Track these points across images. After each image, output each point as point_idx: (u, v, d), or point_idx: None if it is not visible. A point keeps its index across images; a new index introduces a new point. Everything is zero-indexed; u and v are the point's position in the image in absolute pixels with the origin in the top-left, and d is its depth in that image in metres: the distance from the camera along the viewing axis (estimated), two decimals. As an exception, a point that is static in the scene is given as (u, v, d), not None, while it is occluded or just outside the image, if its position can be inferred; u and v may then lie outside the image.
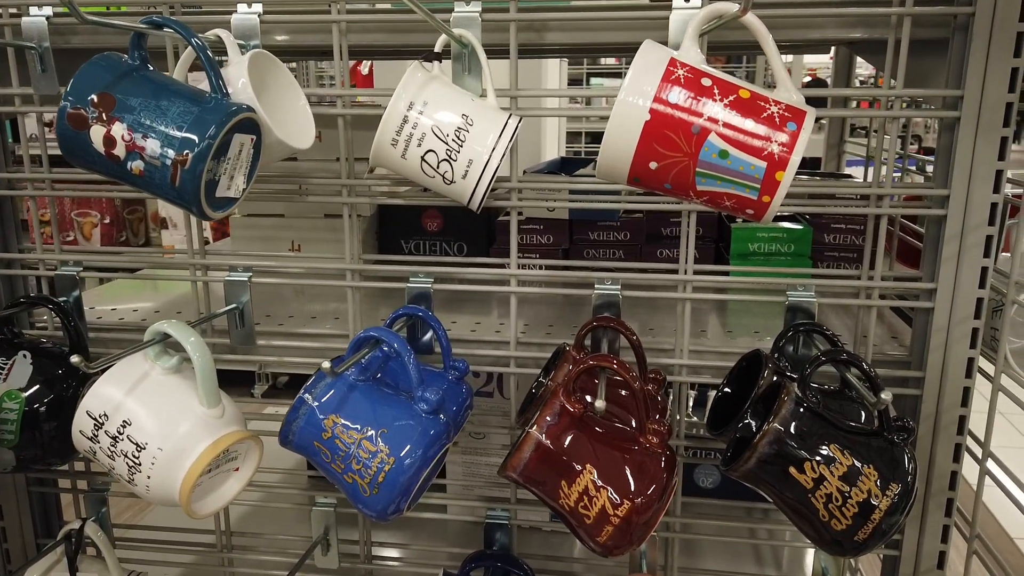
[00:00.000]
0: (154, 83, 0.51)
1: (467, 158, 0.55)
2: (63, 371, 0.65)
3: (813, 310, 0.62)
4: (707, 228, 0.93)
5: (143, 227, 2.66)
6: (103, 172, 0.51)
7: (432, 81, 0.56)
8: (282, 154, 0.59)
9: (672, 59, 0.43)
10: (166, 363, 0.56)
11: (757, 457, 0.49)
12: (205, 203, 0.51)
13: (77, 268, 0.71)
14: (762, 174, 0.42)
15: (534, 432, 0.50)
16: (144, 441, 0.53)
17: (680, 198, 0.46)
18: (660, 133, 0.42)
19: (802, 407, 0.50)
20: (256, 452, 0.58)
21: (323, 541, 0.73)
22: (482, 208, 0.58)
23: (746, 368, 0.62)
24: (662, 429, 0.50)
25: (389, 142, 0.55)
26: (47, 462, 0.66)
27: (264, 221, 0.95)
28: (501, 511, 0.72)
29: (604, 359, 0.51)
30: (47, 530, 0.79)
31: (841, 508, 0.48)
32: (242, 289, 0.68)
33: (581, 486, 0.49)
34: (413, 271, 0.67)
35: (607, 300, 0.64)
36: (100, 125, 0.49)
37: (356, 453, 0.52)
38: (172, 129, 0.48)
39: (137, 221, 2.78)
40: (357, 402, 0.54)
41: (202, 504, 0.57)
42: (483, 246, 0.93)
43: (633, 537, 0.50)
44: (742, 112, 0.42)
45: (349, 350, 0.55)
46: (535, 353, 0.69)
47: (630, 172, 0.44)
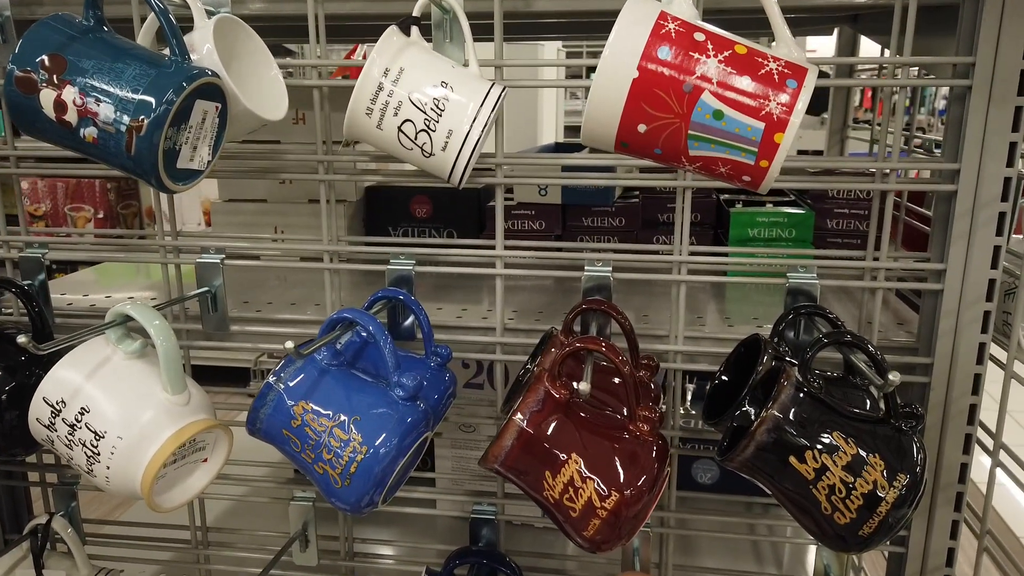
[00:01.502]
0: (109, 45, 0.47)
1: (447, 128, 0.52)
2: (26, 357, 0.62)
3: (815, 293, 0.59)
4: (705, 213, 0.90)
5: (137, 221, 2.63)
6: (56, 141, 0.48)
7: (409, 47, 0.53)
8: (251, 125, 0.56)
9: (662, 12, 0.40)
10: (128, 347, 0.53)
11: (755, 445, 0.46)
12: (164, 174, 0.47)
13: (42, 251, 0.67)
14: (760, 136, 0.39)
15: (516, 419, 0.47)
16: (103, 429, 0.50)
17: (671, 165, 0.42)
18: (649, 92, 0.39)
19: (803, 392, 0.47)
20: (225, 442, 0.55)
21: (301, 537, 0.70)
22: (463, 184, 0.55)
23: (744, 355, 0.59)
24: (653, 416, 0.47)
25: (363, 111, 0.52)
26: (10, 453, 0.63)
27: (246, 206, 0.92)
28: (487, 505, 0.68)
29: (592, 341, 0.48)
30: (16, 526, 0.76)
31: (845, 500, 0.45)
32: (214, 272, 0.64)
33: (566, 477, 0.46)
34: (395, 252, 0.64)
35: (597, 283, 0.61)
36: (50, 89, 0.46)
37: (327, 442, 0.49)
38: (127, 92, 0.45)
39: (131, 215, 2.76)
40: (329, 388, 0.51)
41: (167, 497, 0.53)
42: (474, 232, 0.89)
43: (622, 531, 0.46)
44: (738, 69, 0.39)
45: (321, 332, 0.52)
46: (523, 340, 0.66)
47: (617, 135, 0.41)
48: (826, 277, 0.60)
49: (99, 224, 2.29)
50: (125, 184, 2.43)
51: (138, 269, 0.90)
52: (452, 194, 0.91)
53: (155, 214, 2.22)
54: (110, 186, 2.47)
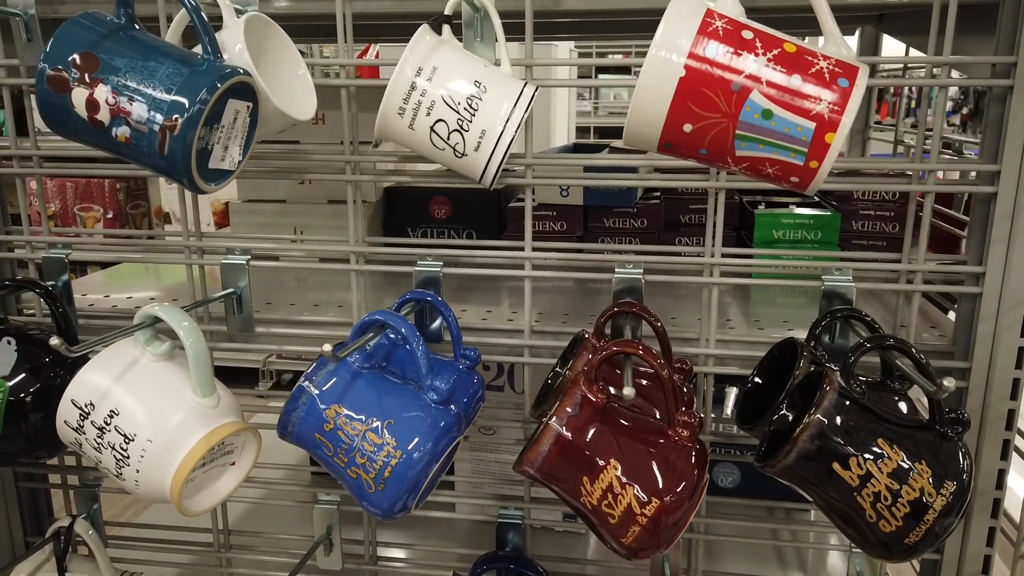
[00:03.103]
0: (141, 43, 0.47)
1: (480, 128, 0.51)
2: (50, 359, 0.61)
3: (850, 296, 0.58)
4: (728, 215, 0.89)
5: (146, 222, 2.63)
6: (87, 141, 0.47)
7: (442, 46, 0.52)
8: (280, 125, 0.55)
9: (709, 10, 0.39)
10: (157, 349, 0.52)
11: (797, 452, 0.45)
12: (196, 174, 0.47)
13: (66, 251, 0.67)
14: (810, 136, 0.38)
15: (553, 424, 0.46)
16: (133, 432, 0.49)
17: (715, 165, 0.42)
18: (696, 91, 0.38)
19: (846, 397, 0.46)
20: (254, 445, 0.54)
21: (325, 541, 0.70)
22: (494, 185, 0.54)
23: (777, 359, 0.58)
24: (693, 422, 0.46)
25: (396, 111, 0.51)
26: (34, 455, 0.62)
27: (266, 207, 0.91)
28: (514, 510, 0.68)
29: (629, 344, 0.47)
30: (37, 528, 0.76)
31: (891, 508, 0.44)
32: (240, 273, 0.64)
33: (605, 483, 0.45)
34: (421, 255, 0.63)
35: (628, 285, 0.60)
36: (82, 88, 0.45)
37: (360, 446, 0.48)
38: (160, 92, 0.45)
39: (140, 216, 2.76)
40: (361, 391, 0.50)
41: (195, 500, 0.53)
42: (493, 234, 0.89)
43: (661, 539, 0.46)
44: (788, 68, 0.38)
45: (352, 335, 0.51)
46: (550, 342, 0.65)
47: (662, 136, 0.40)
48: (856, 280, 0.59)
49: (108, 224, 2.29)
50: (134, 184, 2.43)
51: (147, 270, 0.89)
52: (472, 195, 0.90)
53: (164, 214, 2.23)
54: (119, 186, 2.47)
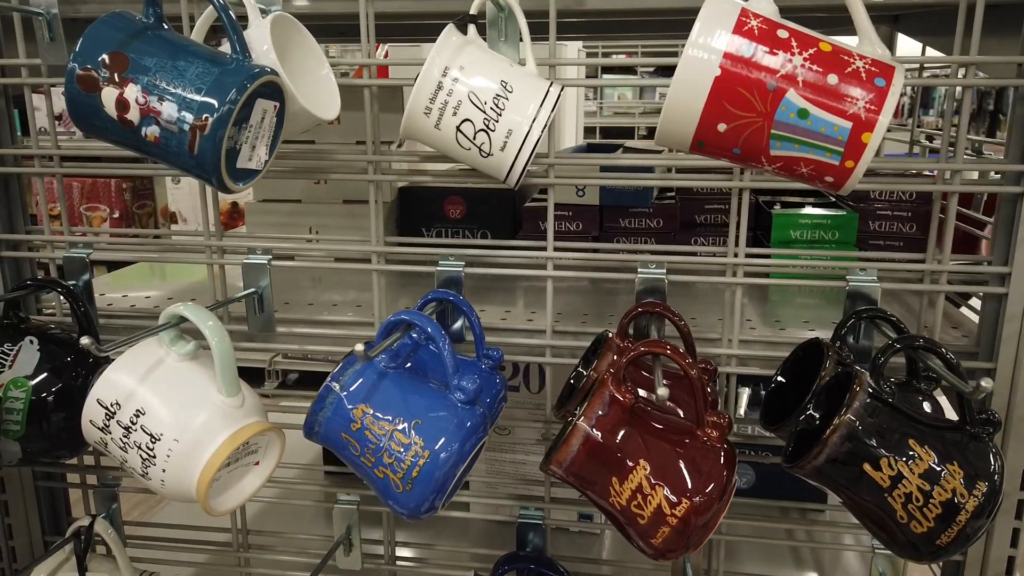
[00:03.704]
0: (170, 43, 0.47)
1: (506, 128, 0.51)
2: (72, 358, 0.61)
3: (875, 296, 0.58)
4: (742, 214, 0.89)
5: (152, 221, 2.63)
6: (115, 140, 0.47)
7: (468, 45, 0.52)
8: (306, 125, 0.55)
9: (743, 9, 0.39)
10: (182, 349, 0.52)
11: (828, 452, 0.45)
12: (225, 173, 0.47)
13: (87, 251, 0.67)
14: (846, 136, 0.38)
15: (582, 424, 0.46)
16: (159, 432, 0.49)
17: (748, 165, 0.42)
18: (732, 90, 0.38)
19: (876, 398, 0.46)
20: (277, 445, 0.54)
21: (345, 541, 0.69)
22: (518, 185, 0.54)
23: (800, 359, 0.58)
24: (723, 422, 0.46)
25: (422, 111, 0.51)
26: (55, 455, 0.62)
27: (281, 207, 0.91)
28: (534, 510, 0.67)
29: (657, 345, 0.47)
30: (55, 527, 0.76)
31: (922, 509, 0.44)
32: (261, 273, 0.64)
33: (634, 483, 0.45)
34: (443, 254, 0.63)
35: (651, 285, 0.60)
36: (112, 87, 0.45)
37: (388, 446, 0.48)
38: (190, 91, 0.44)
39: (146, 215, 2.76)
40: (388, 391, 0.50)
41: (220, 500, 0.53)
42: (508, 234, 0.89)
43: (690, 540, 0.46)
44: (824, 67, 0.38)
45: (379, 335, 0.51)
46: (570, 342, 0.65)
47: (695, 135, 0.40)
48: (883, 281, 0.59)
49: (115, 224, 2.29)
50: (140, 184, 2.43)
51: (152, 271, 0.89)
52: (486, 195, 0.90)
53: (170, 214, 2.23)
54: (125, 186, 2.47)
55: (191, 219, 2.49)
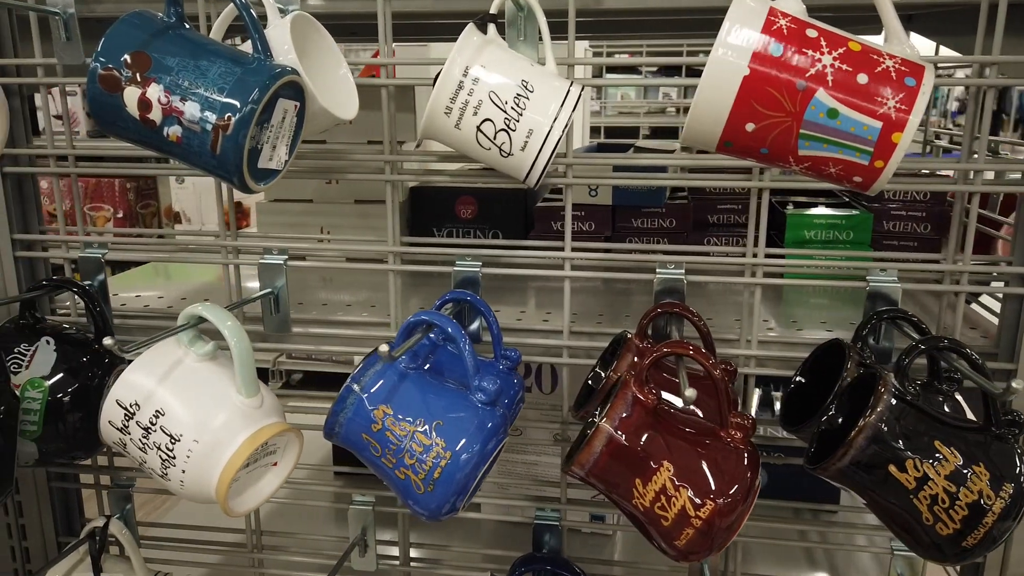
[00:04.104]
0: (192, 42, 0.47)
1: (527, 127, 0.51)
2: (88, 358, 0.61)
3: (896, 297, 0.58)
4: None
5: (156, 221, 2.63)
6: (136, 140, 0.47)
7: (488, 45, 0.52)
8: (324, 124, 0.55)
9: (772, 8, 0.39)
10: (201, 349, 0.52)
11: (853, 454, 0.45)
12: (247, 173, 0.46)
13: (102, 251, 0.67)
14: (876, 136, 0.38)
15: (605, 426, 0.46)
16: (179, 432, 0.49)
17: (775, 165, 0.41)
18: (760, 90, 0.38)
19: (901, 399, 0.45)
20: (296, 446, 0.54)
21: (360, 542, 0.69)
22: (539, 184, 0.53)
23: (819, 360, 0.58)
24: (746, 423, 0.46)
25: (443, 110, 0.51)
26: (71, 455, 0.62)
27: (292, 207, 0.91)
28: (550, 511, 0.67)
29: (679, 345, 0.47)
30: (68, 528, 0.75)
31: (948, 511, 0.44)
32: (277, 273, 0.63)
33: (658, 485, 0.45)
34: (460, 254, 0.63)
35: (670, 286, 0.60)
36: (134, 87, 0.45)
37: (409, 447, 0.48)
38: (213, 91, 0.44)
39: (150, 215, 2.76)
40: (409, 392, 0.50)
41: (239, 501, 0.53)
42: (520, 234, 0.88)
43: (714, 542, 0.45)
44: (854, 66, 0.38)
45: (399, 335, 0.51)
46: (586, 343, 0.64)
47: (722, 135, 0.40)
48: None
49: (118, 224, 2.29)
50: (144, 184, 2.43)
51: (156, 271, 0.89)
52: (498, 195, 0.90)
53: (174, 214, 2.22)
54: (129, 186, 2.47)
55: (195, 219, 2.49)
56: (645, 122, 3.40)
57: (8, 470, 0.53)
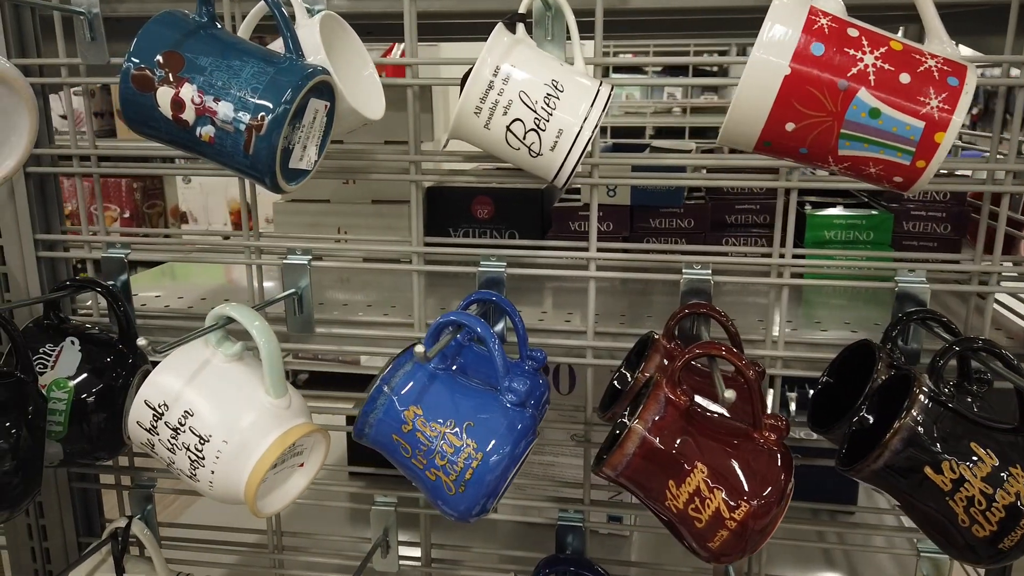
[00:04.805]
0: (224, 42, 0.46)
1: (557, 128, 0.51)
2: (112, 359, 0.61)
3: (924, 297, 0.57)
4: (773, 215, 0.88)
5: (162, 221, 2.63)
6: (168, 140, 0.47)
7: (517, 45, 0.52)
8: (352, 125, 0.55)
9: (812, 7, 0.39)
10: (228, 350, 0.52)
11: (888, 456, 0.44)
12: (279, 174, 0.46)
13: (125, 251, 0.67)
14: (918, 136, 0.37)
15: (638, 427, 0.46)
16: (208, 433, 0.49)
17: (814, 165, 0.41)
18: (802, 90, 0.38)
19: (936, 401, 0.45)
20: (322, 446, 0.54)
21: (383, 543, 0.69)
22: (568, 184, 0.53)
23: (845, 361, 0.58)
24: (780, 425, 0.46)
25: (472, 110, 0.51)
26: (94, 456, 0.62)
27: (309, 207, 0.91)
28: (574, 512, 0.67)
29: (713, 346, 0.47)
30: (88, 528, 0.75)
31: (985, 513, 0.43)
32: (301, 273, 0.63)
33: (692, 487, 0.45)
34: (484, 255, 0.63)
35: (696, 286, 0.60)
36: (167, 87, 0.45)
37: (440, 448, 0.48)
38: (246, 91, 0.44)
39: (156, 215, 2.76)
40: (439, 393, 0.50)
41: (266, 502, 0.53)
42: (536, 234, 0.88)
43: (747, 544, 0.45)
44: (896, 66, 0.37)
45: (429, 336, 0.51)
46: (609, 343, 0.64)
47: (761, 135, 0.40)
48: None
49: (125, 223, 2.30)
50: (150, 184, 2.44)
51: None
52: (514, 195, 0.89)
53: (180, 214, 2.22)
54: (136, 186, 2.47)
55: (201, 219, 2.49)
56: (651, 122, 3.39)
57: (37, 471, 0.52)
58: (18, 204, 0.66)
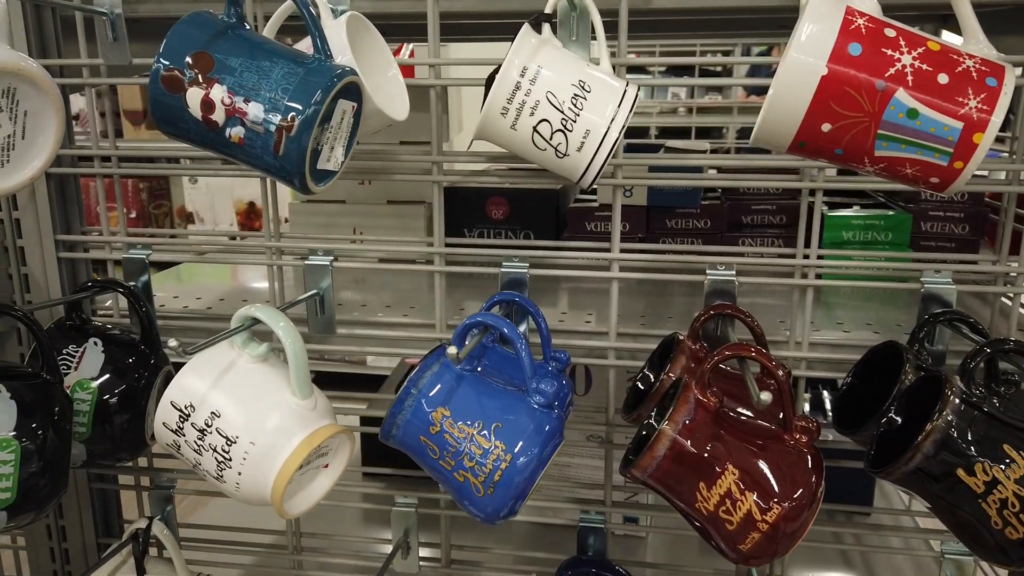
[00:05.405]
0: (253, 43, 0.46)
1: (584, 128, 0.51)
2: (134, 360, 0.61)
3: (950, 298, 0.57)
4: (790, 216, 0.88)
5: (168, 221, 2.63)
6: (196, 141, 0.47)
7: (544, 45, 0.52)
8: (377, 125, 0.55)
9: (849, 8, 0.38)
10: (254, 351, 0.52)
11: (920, 458, 0.44)
12: (309, 175, 0.46)
13: (146, 252, 0.67)
14: (956, 136, 0.37)
15: (669, 429, 0.45)
16: (235, 435, 0.49)
17: (849, 165, 0.41)
18: (839, 90, 0.37)
19: (968, 403, 0.45)
20: (347, 447, 0.54)
21: (403, 544, 0.69)
22: (593, 185, 0.53)
23: (869, 362, 0.58)
24: (811, 427, 0.45)
25: (499, 111, 0.51)
26: (117, 457, 0.62)
27: (325, 207, 0.91)
28: (595, 514, 0.67)
29: (743, 348, 0.46)
30: (107, 529, 0.75)
31: (1019, 515, 0.43)
32: (323, 274, 0.63)
33: (723, 489, 0.45)
34: (506, 256, 0.62)
35: (720, 287, 0.60)
36: (197, 87, 0.45)
37: (468, 449, 0.48)
38: (277, 92, 0.44)
39: (162, 215, 2.75)
40: (466, 394, 0.50)
41: (292, 503, 0.53)
42: (551, 234, 0.88)
43: (778, 547, 0.45)
44: (934, 66, 0.37)
45: (455, 338, 0.51)
46: (630, 344, 0.64)
47: (796, 135, 0.39)
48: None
49: (131, 224, 2.30)
50: (157, 184, 2.44)
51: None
52: (529, 195, 0.89)
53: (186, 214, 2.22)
54: (142, 186, 2.48)
55: (208, 219, 2.49)
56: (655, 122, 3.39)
57: (63, 472, 0.52)
58: (39, 205, 0.66)
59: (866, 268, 0.66)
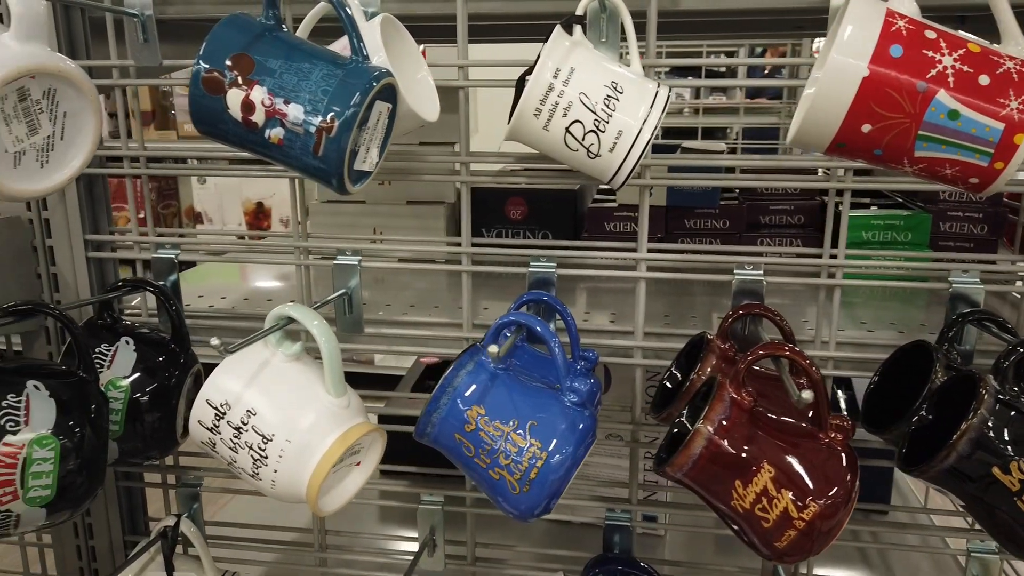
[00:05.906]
0: (291, 45, 0.47)
1: (616, 129, 0.51)
2: (164, 358, 0.62)
3: (978, 298, 0.58)
4: (808, 216, 0.88)
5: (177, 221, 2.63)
6: (236, 142, 0.48)
7: (576, 47, 0.52)
8: (409, 126, 0.55)
9: (889, 10, 0.39)
10: (288, 350, 0.52)
11: (955, 457, 0.45)
12: (347, 175, 0.47)
13: (175, 251, 0.67)
14: (998, 137, 0.38)
15: (705, 428, 0.46)
16: (271, 433, 0.50)
17: (887, 166, 0.41)
18: (880, 92, 0.38)
19: (1003, 402, 0.45)
20: (379, 445, 0.55)
21: (430, 542, 0.69)
22: (624, 186, 0.54)
23: (896, 361, 0.58)
24: (846, 425, 0.46)
25: (532, 112, 0.51)
26: (147, 454, 0.63)
27: (345, 207, 0.91)
28: (621, 512, 0.67)
29: (778, 347, 0.47)
30: (132, 527, 0.76)
31: (1054, 513, 0.44)
32: (351, 273, 0.64)
33: (759, 487, 0.45)
34: (534, 255, 0.63)
35: (748, 287, 0.60)
36: (237, 89, 0.45)
37: (504, 448, 0.48)
38: (317, 94, 0.44)
39: (171, 215, 2.76)
40: (501, 393, 0.50)
41: (325, 501, 0.53)
42: (569, 234, 0.88)
43: (814, 544, 0.45)
44: (974, 68, 0.38)
45: (489, 337, 0.51)
46: (656, 343, 0.64)
47: (836, 136, 0.40)
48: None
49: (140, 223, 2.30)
50: (165, 184, 2.45)
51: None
52: (548, 196, 0.90)
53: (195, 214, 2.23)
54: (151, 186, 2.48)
55: (216, 219, 2.49)
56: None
57: (100, 470, 0.53)
58: (68, 205, 0.67)
59: (890, 268, 0.66)
